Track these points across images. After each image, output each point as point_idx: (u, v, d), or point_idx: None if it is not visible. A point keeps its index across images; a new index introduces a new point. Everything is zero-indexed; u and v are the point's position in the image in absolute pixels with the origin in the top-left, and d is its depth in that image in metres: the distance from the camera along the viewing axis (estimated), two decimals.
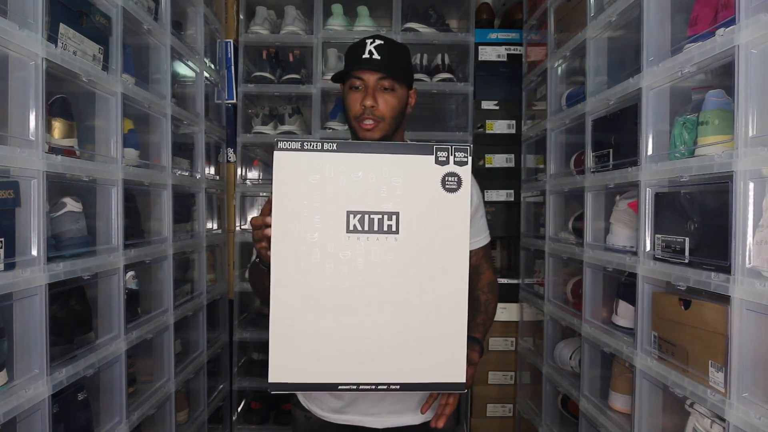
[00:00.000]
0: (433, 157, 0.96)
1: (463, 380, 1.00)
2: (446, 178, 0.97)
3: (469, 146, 0.97)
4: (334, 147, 0.95)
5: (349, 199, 0.96)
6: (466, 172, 0.97)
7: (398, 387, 1.00)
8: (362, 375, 0.99)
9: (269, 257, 0.98)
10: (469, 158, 0.97)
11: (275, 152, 0.95)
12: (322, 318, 0.97)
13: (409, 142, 0.94)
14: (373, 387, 0.99)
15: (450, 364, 1.00)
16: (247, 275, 2.68)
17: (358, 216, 0.96)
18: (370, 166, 0.95)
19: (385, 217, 0.96)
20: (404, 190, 0.96)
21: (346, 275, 0.97)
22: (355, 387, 0.99)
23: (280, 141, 0.95)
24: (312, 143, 0.95)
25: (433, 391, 1.12)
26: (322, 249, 0.96)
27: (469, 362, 1.13)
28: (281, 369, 0.98)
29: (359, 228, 0.96)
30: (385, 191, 0.96)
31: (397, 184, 0.96)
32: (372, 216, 0.96)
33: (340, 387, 0.99)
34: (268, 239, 0.98)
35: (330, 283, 0.97)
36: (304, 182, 0.95)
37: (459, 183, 0.97)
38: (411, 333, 0.98)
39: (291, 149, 0.95)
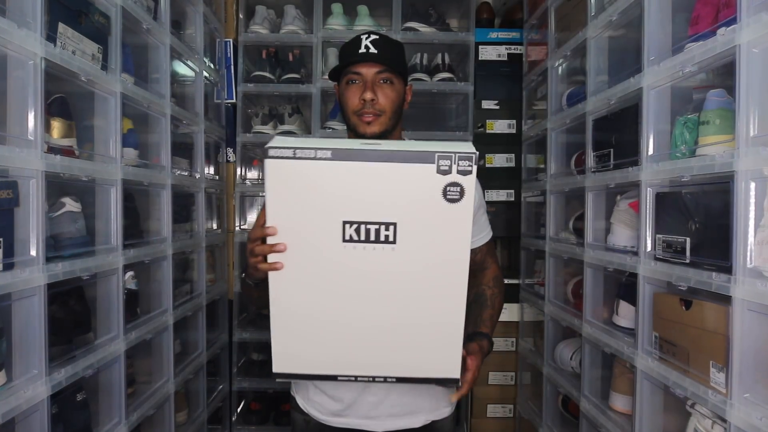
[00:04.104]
0: (434, 165, 0.89)
1: (458, 376, 1.03)
2: (448, 188, 0.90)
3: (475, 154, 0.88)
4: (329, 155, 0.89)
5: (345, 209, 0.92)
6: (469, 182, 0.89)
7: (395, 380, 1.05)
8: (360, 369, 1.05)
9: (261, 270, 0.97)
10: (474, 167, 0.89)
11: (266, 160, 0.89)
12: (320, 319, 1.00)
13: (409, 149, 0.89)
14: (371, 379, 1.05)
15: (445, 362, 1.02)
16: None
17: (354, 226, 0.93)
18: (367, 175, 0.90)
19: (383, 227, 0.93)
20: (403, 200, 0.91)
21: (342, 282, 0.97)
22: (353, 378, 1.05)
23: (271, 148, 0.89)
24: (305, 150, 0.89)
25: (428, 384, 1.15)
26: (318, 257, 0.95)
27: (475, 352, 1.13)
28: (283, 362, 1.04)
29: (355, 238, 0.93)
30: (383, 201, 0.92)
31: (396, 194, 0.91)
32: (368, 226, 0.93)
33: (339, 378, 1.06)
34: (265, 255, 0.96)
35: (327, 288, 0.97)
36: (297, 192, 0.92)
37: (462, 193, 0.90)
38: (408, 336, 1.01)
39: (283, 157, 0.89)
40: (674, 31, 1.42)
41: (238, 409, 2.81)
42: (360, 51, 1.21)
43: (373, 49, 1.21)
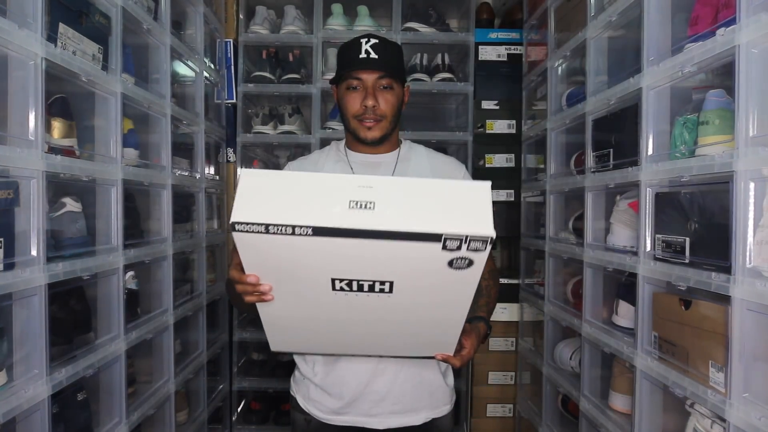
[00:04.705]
0: (440, 245, 0.74)
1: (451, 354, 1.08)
2: (455, 261, 0.77)
3: (490, 237, 0.74)
4: (310, 232, 0.73)
5: (332, 270, 0.81)
6: (480, 258, 0.77)
7: (389, 356, 1.15)
8: (355, 353, 1.13)
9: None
10: (488, 247, 0.75)
11: (234, 234, 0.75)
12: (312, 337, 1.02)
13: (410, 225, 0.73)
14: (366, 355, 1.14)
15: (440, 348, 1.05)
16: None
17: (345, 281, 0.83)
18: (358, 248, 0.75)
19: (377, 283, 0.83)
20: (401, 266, 0.79)
21: (334, 318, 0.93)
22: (349, 355, 1.14)
23: (238, 223, 0.74)
24: (279, 227, 0.73)
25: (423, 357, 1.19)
26: (306, 302, 0.89)
27: (467, 331, 1.13)
28: (278, 344, 1.06)
29: (346, 289, 0.84)
30: (378, 265, 0.80)
31: (393, 262, 0.79)
32: (361, 282, 0.82)
33: (334, 354, 1.14)
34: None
35: (318, 320, 0.95)
36: (276, 262, 0.80)
37: (470, 263, 0.78)
38: (403, 351, 1.07)
39: (253, 232, 0.74)
40: (674, 31, 1.42)
41: (239, 409, 2.81)
42: (360, 56, 1.21)
43: (373, 54, 1.21)
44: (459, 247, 0.74)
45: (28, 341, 1.23)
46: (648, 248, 1.43)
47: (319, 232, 0.73)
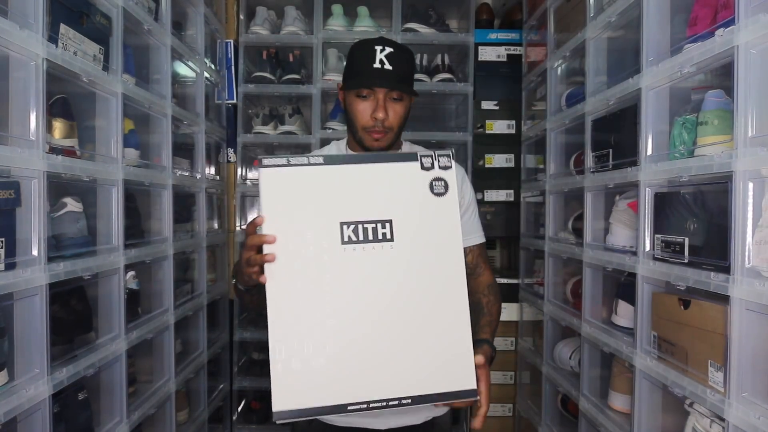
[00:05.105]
0: (418, 163, 1.00)
1: (474, 386, 0.98)
2: (434, 183, 1.00)
3: (451, 151, 1.03)
4: (321, 161, 0.97)
5: (340, 210, 0.97)
6: (451, 176, 1.01)
7: (409, 401, 0.97)
8: (371, 392, 0.96)
9: (256, 281, 0.96)
10: (453, 162, 1.02)
11: (260, 170, 0.94)
12: (324, 337, 0.94)
13: (393, 152, 1.02)
14: (384, 404, 0.96)
15: (459, 372, 0.97)
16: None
17: (352, 226, 0.97)
18: (359, 177, 0.98)
19: (379, 225, 0.98)
20: (394, 197, 0.99)
21: (344, 290, 0.95)
22: (365, 406, 0.96)
23: (265, 158, 0.95)
24: (298, 158, 0.96)
25: (445, 401, 1.02)
26: (318, 263, 0.95)
27: (482, 363, 1.06)
28: (286, 396, 0.93)
29: (354, 238, 0.96)
30: (376, 200, 0.98)
31: (388, 192, 0.99)
32: (366, 225, 0.97)
33: (349, 408, 0.95)
34: (262, 265, 0.94)
35: (329, 300, 0.95)
36: (293, 198, 0.95)
37: (446, 187, 1.00)
38: (416, 343, 0.96)
39: (277, 165, 0.95)
40: (673, 32, 1.42)
41: (239, 409, 2.81)
42: (375, 66, 1.19)
43: (387, 65, 1.19)
44: (432, 165, 1.01)
45: (29, 341, 1.23)
46: (647, 248, 1.44)
47: (328, 160, 0.98)
